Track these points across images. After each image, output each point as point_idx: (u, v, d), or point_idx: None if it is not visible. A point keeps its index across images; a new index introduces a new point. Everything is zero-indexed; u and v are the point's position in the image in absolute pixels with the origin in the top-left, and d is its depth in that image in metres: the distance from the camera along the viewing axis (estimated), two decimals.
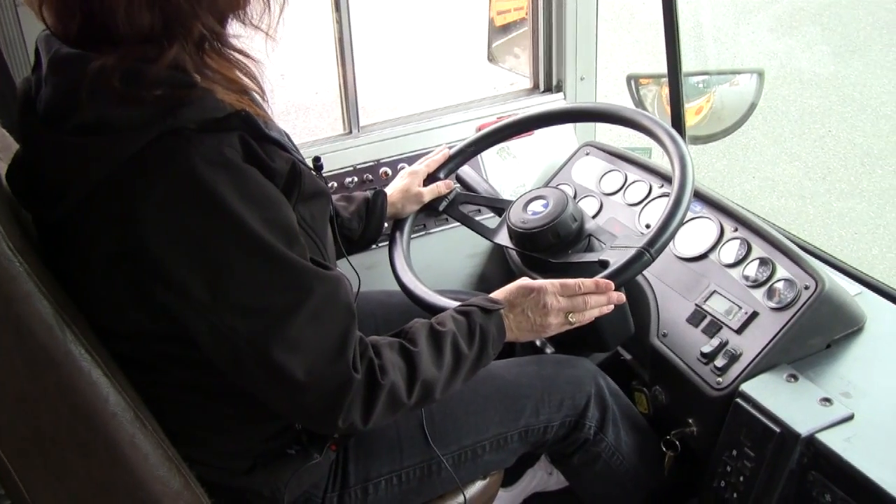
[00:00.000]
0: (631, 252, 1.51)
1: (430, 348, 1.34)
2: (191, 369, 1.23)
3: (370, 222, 1.78)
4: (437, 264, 2.16)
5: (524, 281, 1.48)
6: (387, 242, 1.82)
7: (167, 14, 1.06)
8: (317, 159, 1.44)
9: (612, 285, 1.48)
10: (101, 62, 1.05)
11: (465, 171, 1.94)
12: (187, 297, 1.11)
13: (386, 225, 1.82)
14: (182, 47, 1.09)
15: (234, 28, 1.18)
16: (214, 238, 1.09)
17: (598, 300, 1.48)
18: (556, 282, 1.46)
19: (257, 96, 1.22)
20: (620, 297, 1.50)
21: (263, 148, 1.17)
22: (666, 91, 2.46)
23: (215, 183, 1.07)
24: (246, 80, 1.18)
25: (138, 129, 1.06)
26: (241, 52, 1.18)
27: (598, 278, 1.48)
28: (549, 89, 2.42)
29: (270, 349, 1.14)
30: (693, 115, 2.48)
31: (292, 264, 1.14)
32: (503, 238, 1.75)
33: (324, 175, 2.05)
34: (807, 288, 1.64)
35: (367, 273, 2.03)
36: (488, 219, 1.95)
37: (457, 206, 1.82)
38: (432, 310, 1.56)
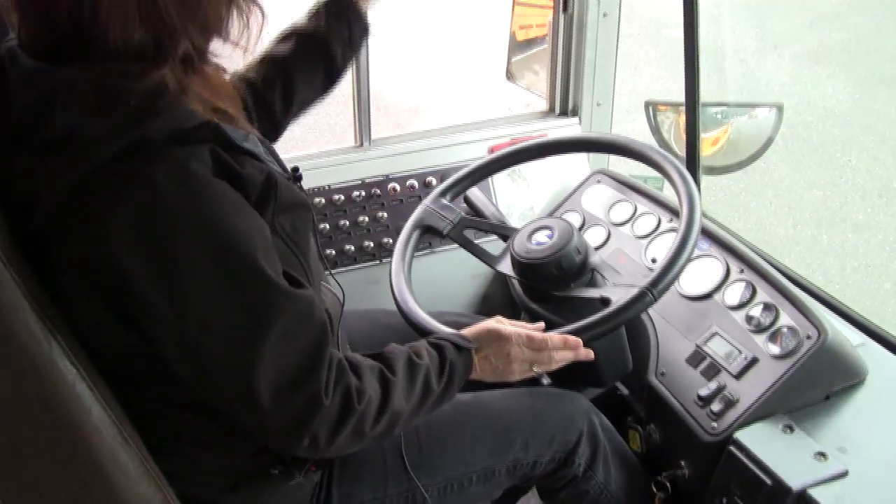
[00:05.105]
0: (633, 291, 1.50)
1: (405, 379, 1.32)
2: (169, 384, 1.22)
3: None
4: (439, 284, 2.15)
5: (493, 326, 1.47)
6: (391, 260, 1.80)
7: (159, 31, 1.07)
8: (295, 169, 1.42)
9: (581, 343, 1.48)
10: (78, 76, 1.06)
11: (474, 192, 1.92)
12: (153, 313, 1.10)
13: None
14: (170, 67, 1.09)
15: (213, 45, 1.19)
16: (177, 254, 1.08)
17: (565, 356, 1.48)
18: (524, 333, 1.46)
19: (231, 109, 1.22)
20: (589, 353, 1.50)
21: (236, 159, 1.16)
22: (683, 119, 2.44)
23: (179, 198, 1.06)
24: (219, 101, 1.19)
25: (105, 142, 1.06)
26: (218, 67, 1.20)
27: (568, 335, 1.48)
28: (564, 113, 2.41)
29: (235, 368, 1.13)
30: (709, 146, 2.45)
31: (259, 282, 1.13)
32: (506, 266, 1.73)
33: (331, 188, 2.08)
34: (809, 338, 1.62)
35: (367, 288, 2.03)
36: (492, 241, 1.94)
37: (461, 230, 1.80)
38: (424, 334, 1.55)
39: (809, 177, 4.80)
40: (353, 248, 2.12)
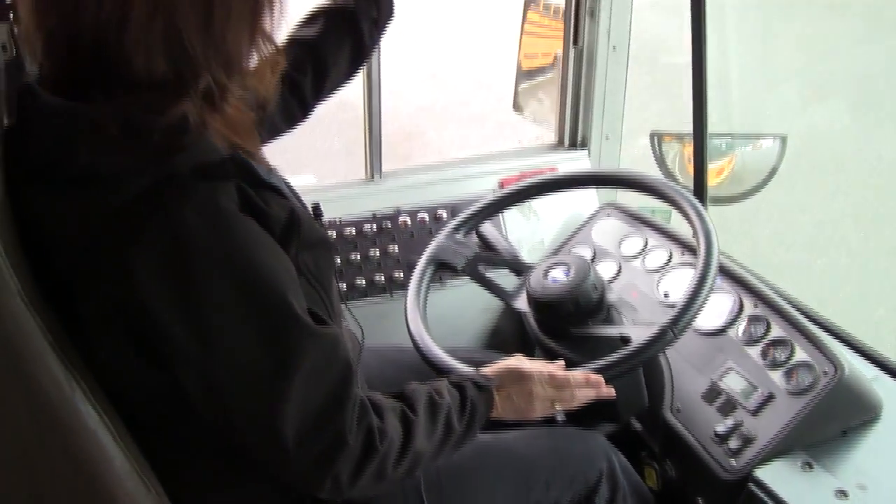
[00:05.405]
0: (654, 329, 1.50)
1: (427, 419, 1.31)
2: (191, 427, 1.21)
3: None
4: (450, 318, 2.14)
5: (514, 364, 1.47)
6: (402, 294, 1.80)
7: (181, 63, 1.07)
8: (316, 207, 1.41)
9: (603, 381, 1.48)
10: (100, 111, 1.05)
11: (486, 227, 1.93)
12: (179, 351, 1.09)
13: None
14: (192, 100, 1.09)
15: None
16: (206, 292, 1.07)
17: (587, 394, 1.48)
18: (546, 371, 1.46)
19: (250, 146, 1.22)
20: (610, 391, 1.50)
21: (260, 195, 1.15)
22: (688, 150, 2.46)
23: (208, 235, 1.06)
24: (238, 138, 1.18)
25: (131, 177, 1.05)
26: (237, 104, 1.19)
27: (591, 373, 1.48)
28: (573, 145, 2.42)
29: (261, 408, 1.12)
30: (714, 176, 2.47)
31: (288, 320, 1.12)
32: (522, 303, 1.74)
33: (342, 222, 2.08)
34: (825, 374, 1.62)
35: (377, 323, 2.01)
36: (503, 275, 1.94)
37: (476, 265, 1.80)
38: (443, 373, 1.54)
39: (802, 201, 4.82)
40: (363, 282, 2.11)
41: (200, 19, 1.06)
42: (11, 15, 1.35)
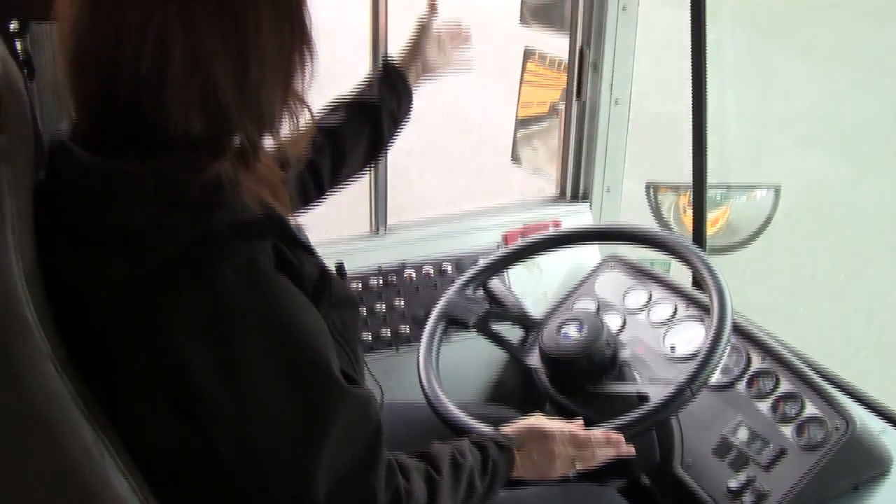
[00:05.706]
0: (671, 388, 1.50)
1: (450, 480, 1.31)
2: (223, 490, 1.17)
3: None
4: (454, 372, 2.10)
5: (535, 424, 1.48)
6: (408, 348, 1.79)
7: (217, 122, 1.07)
8: (340, 266, 1.41)
9: (623, 439, 1.48)
10: (136, 168, 1.04)
11: (493, 282, 1.93)
12: (214, 408, 1.07)
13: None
14: (228, 159, 1.08)
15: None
16: (243, 351, 1.06)
17: (607, 453, 1.49)
18: (567, 431, 1.47)
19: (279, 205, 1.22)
20: (630, 450, 1.50)
21: (294, 253, 1.15)
22: (683, 200, 2.49)
23: (247, 294, 1.05)
24: (268, 196, 1.17)
25: (168, 235, 1.04)
26: (268, 162, 1.19)
27: (612, 432, 1.49)
28: (575, 198, 2.43)
29: (294, 468, 1.11)
30: (709, 227, 2.49)
31: (325, 380, 1.11)
32: (534, 359, 1.74)
33: (349, 276, 2.05)
34: (837, 429, 1.62)
35: (384, 378, 1.99)
36: (505, 328, 1.93)
37: (486, 321, 1.80)
38: (461, 432, 1.54)
39: (783, 247, 4.87)
40: (369, 336, 2.09)
41: (236, 77, 1.06)
42: (25, 71, 1.35)
